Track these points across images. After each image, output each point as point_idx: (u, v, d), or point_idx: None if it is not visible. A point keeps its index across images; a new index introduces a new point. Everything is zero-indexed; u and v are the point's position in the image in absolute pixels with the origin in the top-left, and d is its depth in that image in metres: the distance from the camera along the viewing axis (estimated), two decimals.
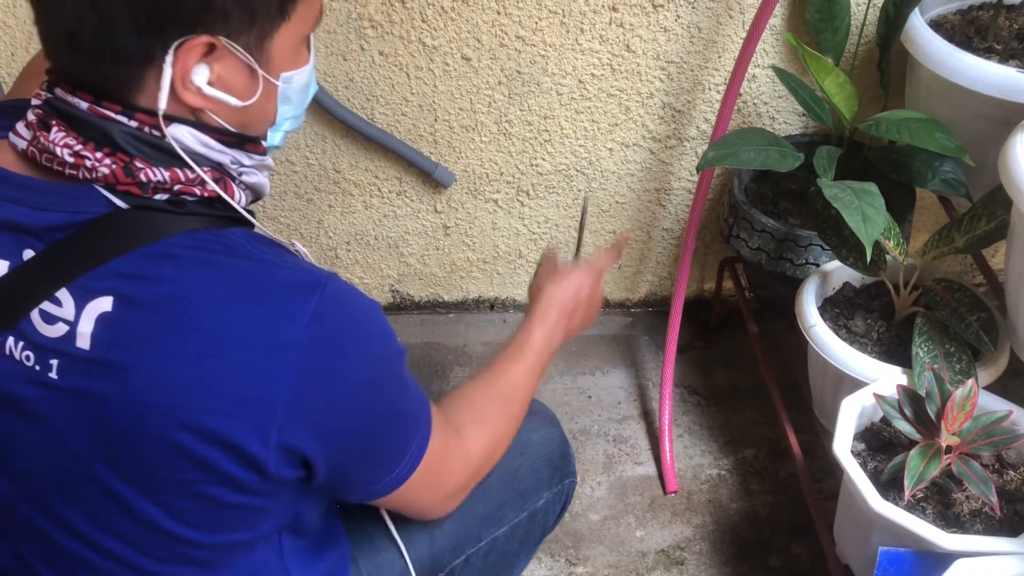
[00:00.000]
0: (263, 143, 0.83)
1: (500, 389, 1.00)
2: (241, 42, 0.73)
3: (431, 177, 1.65)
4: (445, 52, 1.51)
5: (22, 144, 0.75)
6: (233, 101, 0.76)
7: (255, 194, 0.84)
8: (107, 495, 0.75)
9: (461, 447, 0.92)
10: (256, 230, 0.82)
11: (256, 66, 0.75)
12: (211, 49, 0.72)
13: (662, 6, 1.46)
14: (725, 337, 1.84)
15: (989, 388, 1.18)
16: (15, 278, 0.73)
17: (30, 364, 0.73)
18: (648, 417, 1.69)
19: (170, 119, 0.74)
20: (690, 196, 1.71)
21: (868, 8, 1.42)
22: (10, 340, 0.73)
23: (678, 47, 1.51)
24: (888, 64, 1.40)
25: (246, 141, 0.80)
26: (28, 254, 0.73)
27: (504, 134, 1.62)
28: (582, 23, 1.47)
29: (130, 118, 0.73)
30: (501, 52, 1.51)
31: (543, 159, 1.65)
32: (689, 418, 1.69)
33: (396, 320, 1.87)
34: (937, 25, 1.34)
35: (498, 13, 1.46)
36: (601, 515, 1.53)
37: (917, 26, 1.29)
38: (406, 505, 0.90)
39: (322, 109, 1.56)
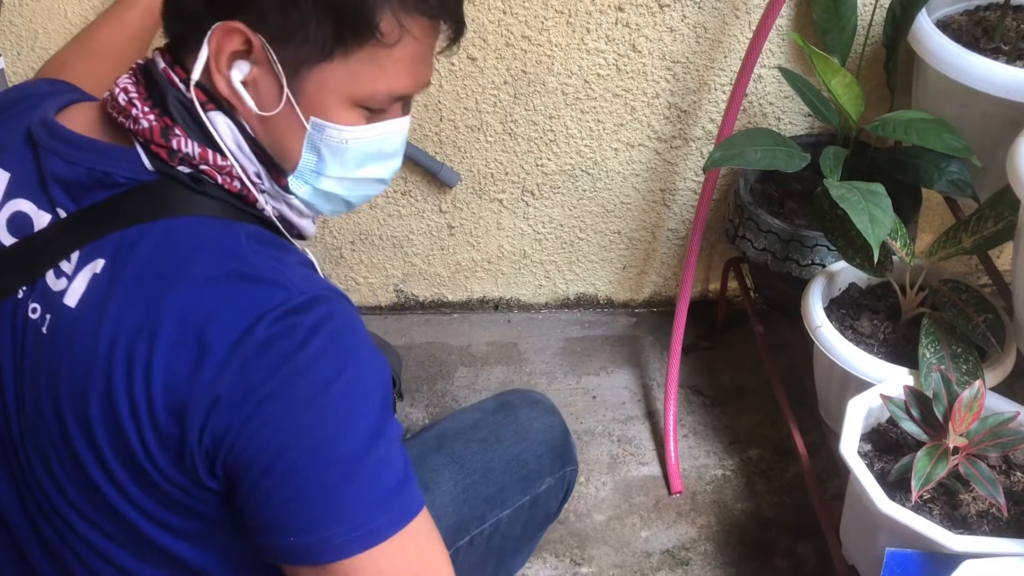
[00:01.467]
0: (286, 179, 0.82)
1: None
2: (279, 56, 0.76)
3: (436, 177, 1.65)
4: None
5: (107, 103, 0.80)
6: (251, 103, 0.78)
7: (299, 234, 0.87)
8: (70, 451, 0.76)
9: (444, 552, 0.79)
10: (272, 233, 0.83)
11: (284, 82, 0.77)
12: (249, 46, 0.76)
13: (668, 6, 1.46)
14: (730, 338, 1.84)
15: (996, 389, 1.18)
16: (50, 232, 0.77)
17: (36, 316, 0.76)
18: (653, 417, 1.69)
19: (214, 101, 0.77)
20: (695, 196, 1.71)
21: (875, 9, 1.42)
22: (21, 293, 0.77)
23: (684, 47, 1.51)
24: (895, 64, 1.40)
25: (272, 164, 0.81)
26: (61, 210, 0.77)
27: (509, 134, 1.62)
28: (588, 23, 1.47)
29: (188, 88, 0.77)
30: (507, 52, 1.51)
31: (548, 159, 1.65)
32: (694, 418, 1.68)
33: (400, 320, 1.87)
34: (944, 26, 1.34)
35: (504, 13, 1.46)
36: (606, 515, 1.53)
37: (924, 26, 1.29)
38: None
39: None
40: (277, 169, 0.81)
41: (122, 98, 0.77)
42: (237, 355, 0.69)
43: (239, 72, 0.77)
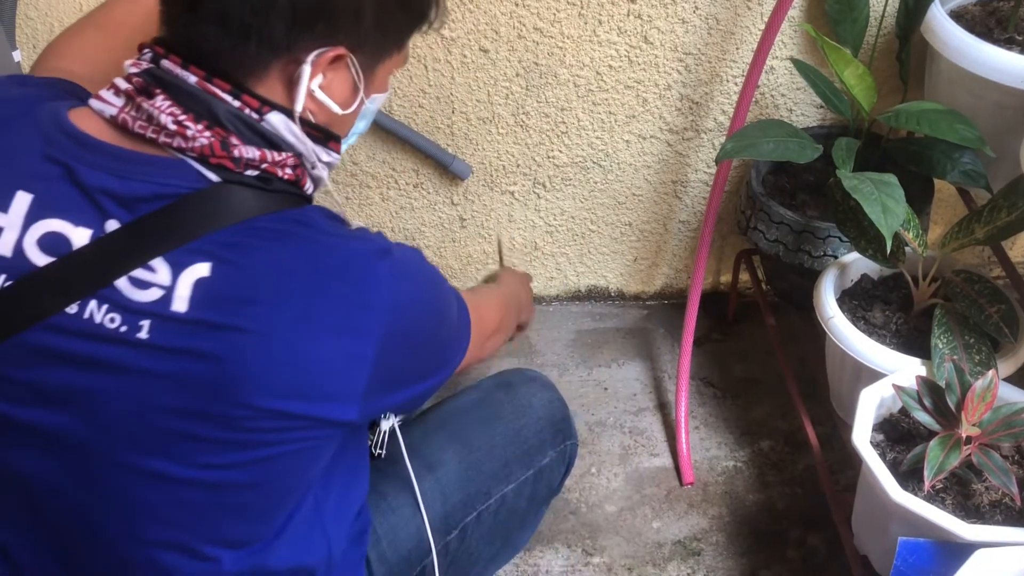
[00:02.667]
0: (339, 143, 0.88)
1: (490, 288, 1.22)
2: (360, 61, 0.82)
3: (448, 170, 1.66)
4: (463, 44, 1.51)
5: (110, 110, 0.78)
6: (336, 108, 0.83)
7: (316, 185, 0.90)
8: (183, 439, 0.76)
9: (484, 298, 1.12)
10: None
11: (361, 85, 0.83)
12: (337, 59, 0.80)
13: None
14: (741, 329, 1.84)
15: (1009, 379, 1.18)
16: (104, 245, 0.75)
17: (114, 326, 0.74)
18: (664, 409, 1.69)
19: (272, 105, 0.79)
20: (707, 188, 1.71)
21: (886, 5, 1.41)
22: (92, 304, 0.75)
23: (696, 39, 1.51)
24: (907, 55, 1.39)
25: (330, 138, 0.85)
26: (111, 224, 0.75)
27: (521, 126, 1.62)
28: (600, 14, 1.48)
29: (236, 98, 0.77)
30: (519, 44, 1.51)
31: (560, 151, 1.66)
32: (705, 410, 1.69)
33: None
34: (957, 16, 1.34)
35: (516, 5, 1.46)
36: (618, 506, 1.54)
37: (937, 17, 1.28)
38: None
39: None
40: (334, 139, 0.86)
41: (170, 123, 0.75)
42: (379, 315, 0.79)
43: (316, 81, 0.80)
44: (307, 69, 0.77)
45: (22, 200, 0.76)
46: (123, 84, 0.78)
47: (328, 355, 0.76)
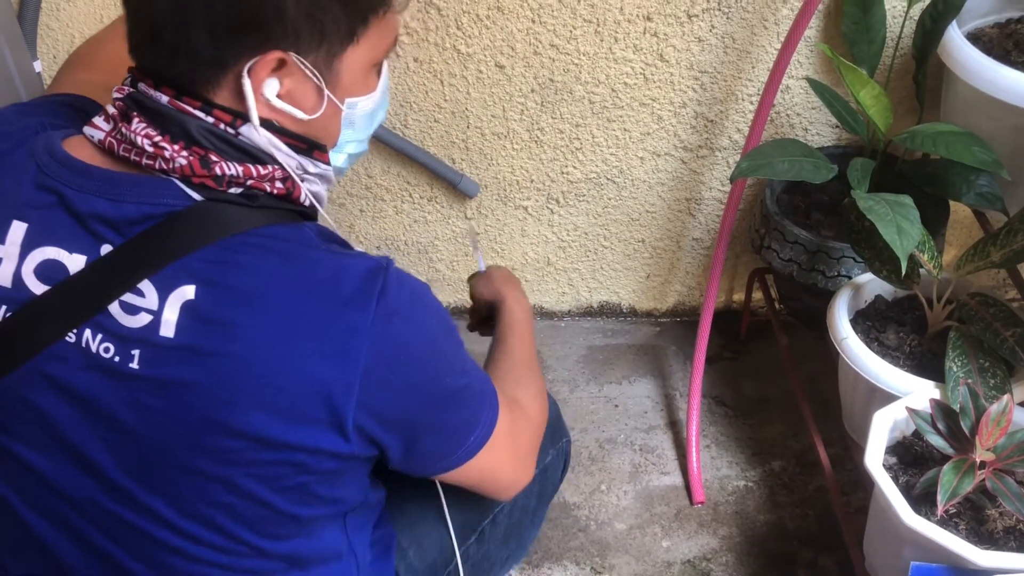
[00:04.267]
0: (327, 154, 0.86)
1: (521, 357, 1.09)
2: (310, 60, 0.77)
3: (456, 188, 1.67)
4: (479, 60, 1.52)
5: (99, 135, 0.78)
6: (299, 114, 0.79)
7: (318, 199, 0.88)
8: (192, 477, 0.76)
9: (522, 411, 0.98)
10: (320, 222, 0.86)
11: (323, 85, 0.79)
12: (281, 64, 0.76)
13: (697, 16, 1.46)
14: (754, 348, 1.83)
15: None
16: (97, 271, 0.75)
17: (109, 355, 0.74)
18: (675, 427, 1.69)
19: (243, 119, 0.77)
20: (720, 206, 1.71)
21: (904, 21, 1.41)
22: (87, 332, 0.75)
23: (712, 57, 1.51)
24: (924, 77, 1.39)
25: (314, 148, 0.83)
26: (106, 248, 0.75)
27: (535, 142, 1.62)
28: (616, 32, 1.48)
29: (208, 114, 0.76)
30: (535, 60, 1.52)
31: (574, 167, 1.66)
32: (716, 429, 1.68)
33: None
34: (975, 38, 1.33)
35: (533, 21, 1.47)
36: (627, 524, 1.53)
37: (955, 39, 1.28)
38: (482, 477, 0.92)
39: None
40: (319, 148, 0.84)
41: (147, 145, 0.75)
42: (365, 337, 0.76)
43: (271, 89, 0.77)
44: (246, 79, 0.75)
45: (18, 229, 0.76)
46: (111, 109, 0.79)
47: (311, 378, 0.74)
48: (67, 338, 0.75)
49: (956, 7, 1.30)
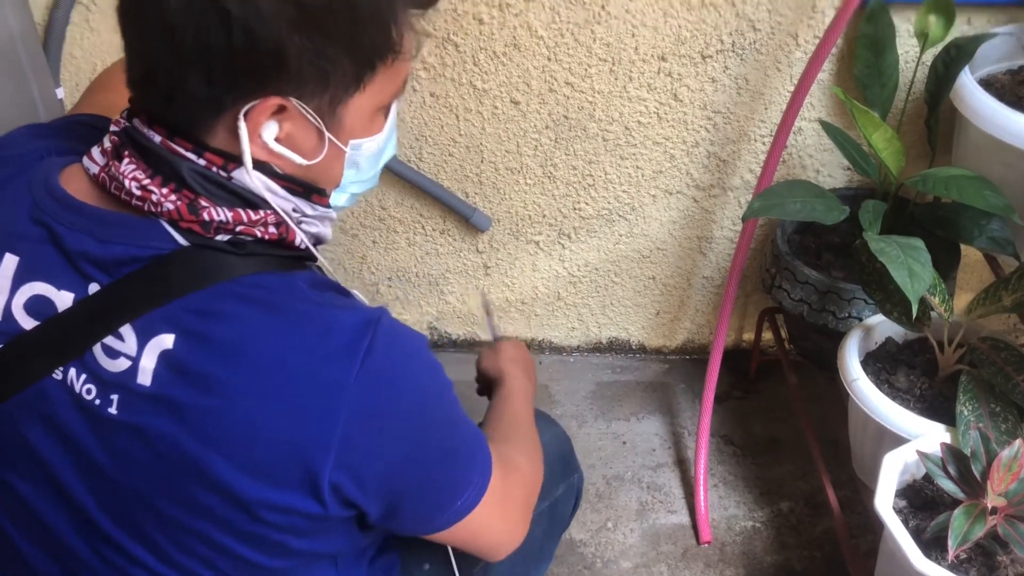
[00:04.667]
0: (327, 197, 0.84)
1: (517, 423, 1.08)
2: (312, 105, 0.74)
3: (468, 222, 1.68)
4: (495, 95, 1.53)
5: (94, 169, 0.77)
6: (298, 159, 0.77)
7: (316, 240, 0.85)
8: (167, 526, 0.75)
9: (516, 469, 0.95)
10: (318, 263, 0.84)
11: (324, 130, 0.76)
12: (281, 109, 0.73)
13: (711, 57, 1.48)
14: (763, 388, 1.83)
15: None
16: (82, 310, 0.74)
17: (91, 398, 0.74)
18: (683, 465, 1.68)
19: (236, 162, 0.75)
20: (731, 245, 1.72)
21: (917, 66, 1.43)
22: (72, 372, 0.74)
23: (725, 98, 1.52)
24: (936, 121, 1.40)
25: (312, 192, 0.81)
26: (94, 287, 0.74)
27: (548, 177, 1.64)
28: (631, 71, 1.50)
29: (199, 156, 0.74)
30: (550, 97, 1.53)
31: (586, 203, 1.67)
32: (724, 468, 1.67)
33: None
34: (987, 84, 1.34)
35: (548, 59, 1.49)
36: (633, 562, 1.52)
37: (967, 85, 1.29)
38: (472, 538, 0.90)
39: None
40: (318, 192, 0.81)
41: (135, 188, 0.73)
42: (347, 394, 0.73)
43: (270, 133, 0.74)
44: (242, 124, 0.72)
45: (9, 263, 0.76)
46: (106, 142, 0.78)
47: (287, 437, 0.71)
48: (55, 375, 0.75)
49: (968, 53, 1.31)
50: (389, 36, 0.75)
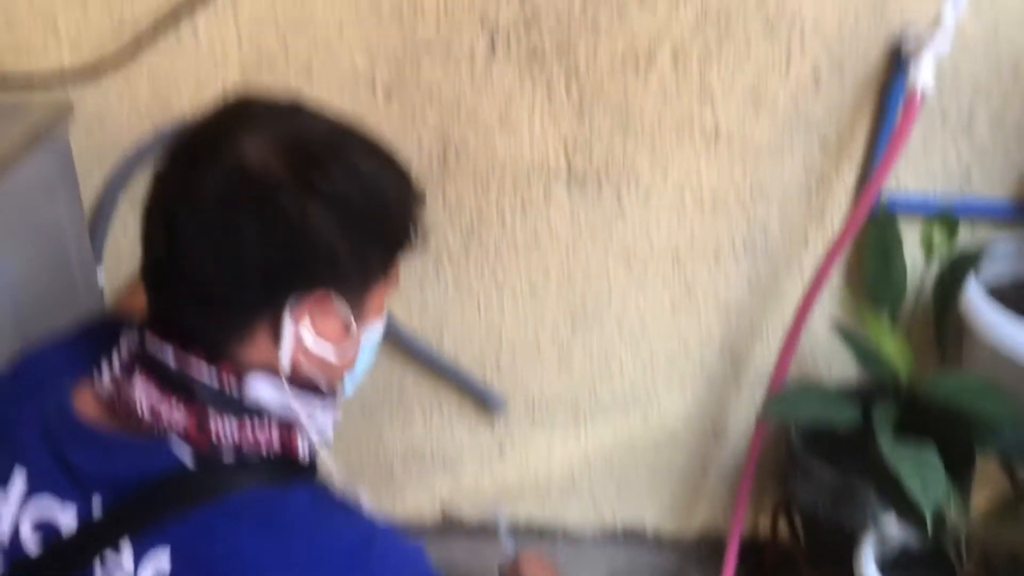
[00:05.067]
0: (340, 385, 0.86)
1: None
2: (347, 297, 0.77)
3: (483, 403, 1.70)
4: (514, 285, 1.59)
5: (104, 394, 0.79)
6: (331, 358, 0.79)
7: (323, 433, 0.85)
8: None
9: None
10: (321, 474, 0.83)
11: (353, 323, 0.79)
12: (318, 302, 0.76)
13: (724, 257, 1.53)
14: None
15: None
16: (87, 531, 0.75)
17: None
18: None
19: (254, 368, 0.77)
20: (746, 436, 1.72)
21: (924, 275, 1.46)
22: None
23: (739, 295, 1.57)
24: (946, 326, 1.43)
25: (327, 395, 0.83)
26: (96, 503, 0.75)
27: (565, 364, 1.67)
28: (647, 267, 1.55)
29: (213, 371, 0.75)
30: (567, 289, 1.58)
31: (602, 390, 1.69)
32: None
33: (445, 540, 1.86)
34: (996, 292, 1.37)
35: (566, 255, 1.55)
36: None
37: (974, 295, 1.32)
38: None
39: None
40: (331, 395, 0.83)
41: (146, 414, 0.75)
42: None
43: (308, 332, 0.76)
44: (287, 322, 0.74)
45: (19, 479, 0.78)
46: (116, 363, 0.79)
47: None
48: None
49: (974, 263, 1.35)
50: (408, 225, 0.81)
